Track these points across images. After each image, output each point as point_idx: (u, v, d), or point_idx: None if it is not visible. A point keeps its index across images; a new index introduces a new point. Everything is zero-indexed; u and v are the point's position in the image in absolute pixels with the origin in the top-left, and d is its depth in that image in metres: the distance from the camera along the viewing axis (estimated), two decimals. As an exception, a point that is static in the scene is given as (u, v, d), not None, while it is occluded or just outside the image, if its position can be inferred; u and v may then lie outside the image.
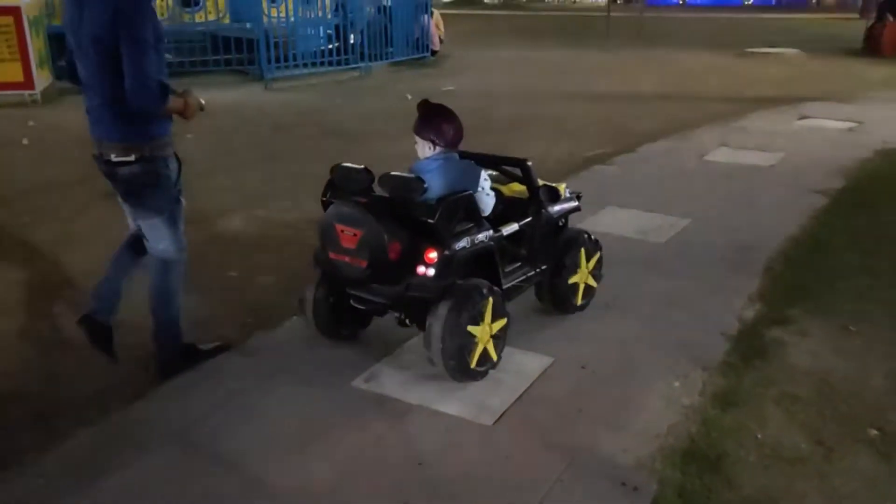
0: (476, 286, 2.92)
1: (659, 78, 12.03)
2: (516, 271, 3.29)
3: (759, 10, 30.99)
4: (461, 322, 2.83)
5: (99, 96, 2.84)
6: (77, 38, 2.83)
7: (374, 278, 2.91)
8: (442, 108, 3.20)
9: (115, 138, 2.86)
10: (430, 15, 13.77)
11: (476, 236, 2.98)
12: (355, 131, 8.12)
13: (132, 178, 2.91)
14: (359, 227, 2.83)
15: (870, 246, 4.57)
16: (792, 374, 3.13)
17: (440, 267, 2.82)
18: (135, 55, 2.70)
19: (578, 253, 3.51)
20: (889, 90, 10.45)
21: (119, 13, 2.70)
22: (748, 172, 6.24)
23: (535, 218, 3.34)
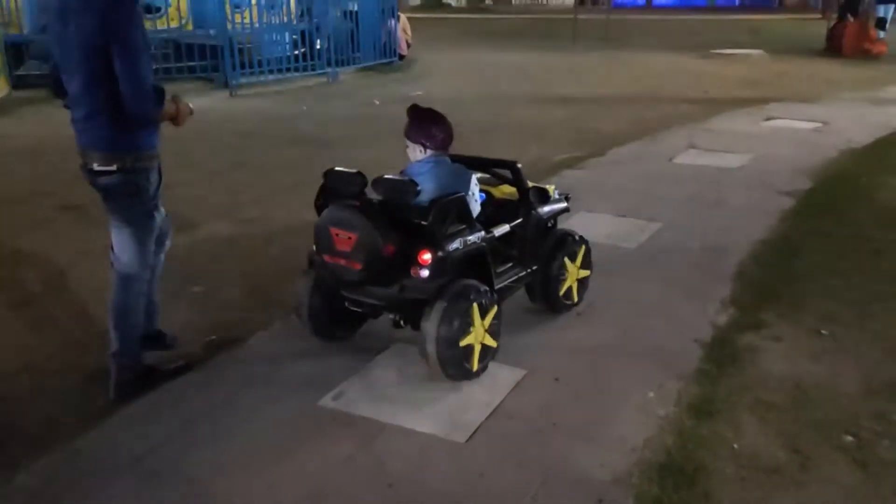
0: (468, 286, 2.95)
1: (626, 80, 12.08)
2: (508, 272, 3.33)
3: (723, 10, 31.37)
4: (455, 323, 2.86)
5: (88, 106, 2.81)
6: (63, 50, 2.80)
7: (369, 280, 2.95)
8: (432, 112, 3.24)
9: (100, 147, 2.85)
10: (397, 19, 13.69)
11: (468, 237, 3.02)
12: (323, 138, 8.01)
13: (111, 187, 2.90)
14: (353, 231, 2.87)
15: (837, 247, 4.58)
16: (766, 380, 3.10)
17: (434, 268, 2.86)
18: (129, 61, 2.70)
19: (569, 252, 3.56)
20: (851, 90, 10.59)
21: (108, 20, 2.69)
22: (717, 174, 6.25)
23: (525, 219, 3.39)
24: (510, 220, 3.34)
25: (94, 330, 3.11)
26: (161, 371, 3.17)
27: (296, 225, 5.14)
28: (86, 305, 3.30)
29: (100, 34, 2.69)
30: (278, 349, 3.43)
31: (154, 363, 3.18)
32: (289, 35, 12.21)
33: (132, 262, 3.01)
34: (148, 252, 3.05)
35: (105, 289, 3.11)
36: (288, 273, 4.17)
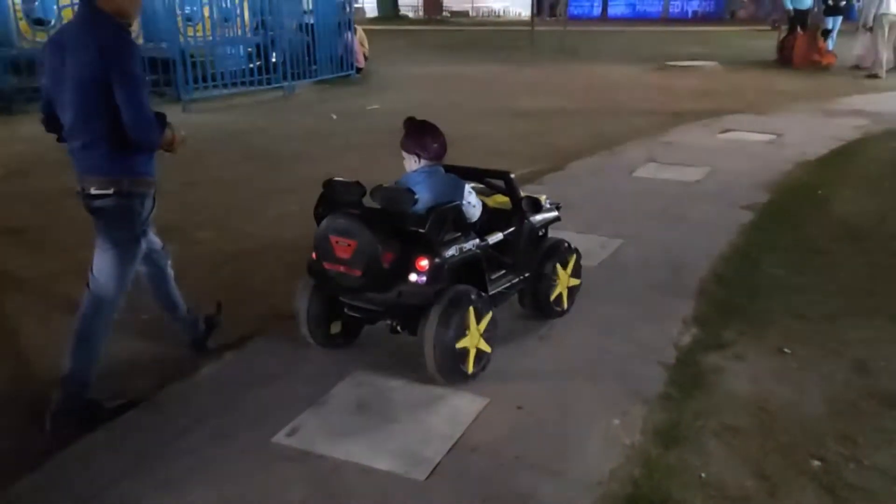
0: (465, 292, 3.06)
1: (584, 92, 12.13)
2: (501, 279, 3.44)
3: (676, 22, 31.89)
4: (451, 327, 2.96)
5: (85, 137, 2.86)
6: (60, 84, 2.85)
7: (368, 286, 3.04)
8: (426, 124, 3.35)
9: (98, 173, 2.90)
10: (354, 32, 13.59)
11: (464, 245, 3.15)
12: (279, 154, 7.85)
13: (105, 209, 2.94)
14: (353, 238, 2.97)
15: (797, 261, 4.59)
16: (731, 403, 3.06)
17: (431, 274, 2.97)
18: (130, 90, 2.78)
19: (559, 261, 3.66)
20: (804, 101, 10.77)
21: (106, 51, 2.76)
22: (676, 188, 6.26)
23: (518, 228, 3.51)
24: (503, 228, 3.46)
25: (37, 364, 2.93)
26: (105, 409, 3.01)
27: (250, 247, 5.00)
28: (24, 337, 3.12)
29: (99, 67, 2.75)
30: (231, 379, 3.29)
31: (99, 399, 3.02)
32: (243, 48, 12.03)
33: (108, 285, 3.00)
34: (126, 279, 3.05)
35: (47, 319, 2.94)
36: (240, 299, 4.05)
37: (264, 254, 4.89)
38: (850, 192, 6.16)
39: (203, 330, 3.53)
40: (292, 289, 3.43)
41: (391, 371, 3.29)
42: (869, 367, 3.35)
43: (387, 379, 3.22)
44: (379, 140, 8.46)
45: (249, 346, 3.56)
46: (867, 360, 3.40)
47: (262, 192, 6.38)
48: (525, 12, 27.67)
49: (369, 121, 9.72)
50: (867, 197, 6.03)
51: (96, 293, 3.01)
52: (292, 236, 5.20)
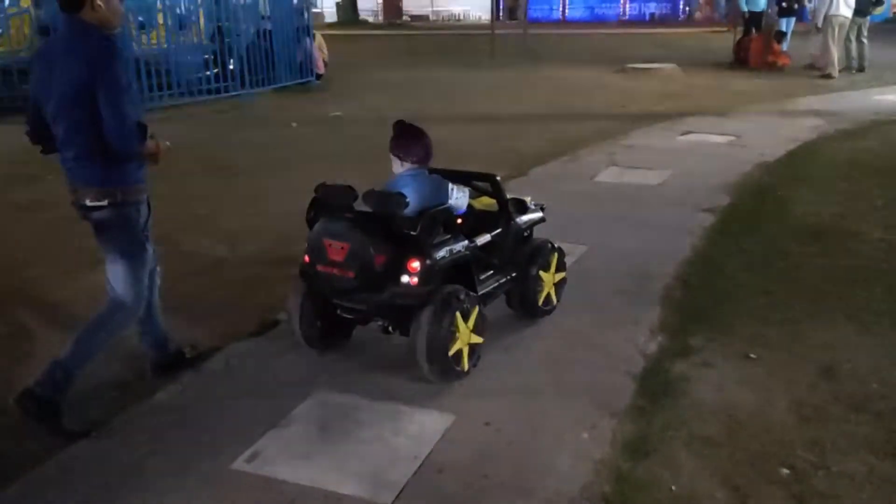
0: (455, 291, 3.14)
1: (545, 96, 12.15)
2: (489, 279, 3.52)
3: (633, 25, 32.23)
4: (443, 326, 3.04)
5: (77, 147, 2.92)
6: (49, 96, 2.91)
7: (361, 288, 3.10)
8: (411, 127, 3.42)
9: (92, 184, 2.95)
10: (313, 38, 13.44)
11: (454, 246, 3.22)
12: (237, 164, 7.69)
13: (103, 221, 3.01)
14: (346, 241, 3.04)
15: (760, 265, 4.61)
16: (700, 412, 3.03)
17: (423, 275, 3.04)
18: (113, 100, 2.82)
19: (545, 260, 3.74)
20: (760, 102, 10.92)
21: (92, 62, 2.82)
22: (638, 192, 6.26)
23: (504, 229, 3.60)
24: (490, 229, 3.54)
25: None
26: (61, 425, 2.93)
27: (207, 263, 4.86)
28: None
29: (85, 78, 2.80)
30: (188, 402, 3.18)
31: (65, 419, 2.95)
32: (201, 56, 11.82)
33: (127, 293, 3.08)
34: (142, 283, 3.13)
35: None
36: (196, 317, 3.92)
37: (222, 269, 4.77)
38: (808, 192, 6.23)
39: (170, 354, 3.42)
40: (255, 303, 3.33)
41: (355, 388, 3.20)
42: (834, 370, 3.36)
43: (350, 397, 3.14)
44: (342, 148, 8.37)
45: (207, 366, 3.44)
46: (832, 364, 3.41)
47: (220, 204, 6.23)
48: (485, 16, 27.71)
49: (331, 128, 9.61)
50: (825, 197, 6.09)
51: (116, 300, 3.09)
52: (252, 251, 5.08)
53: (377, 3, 36.84)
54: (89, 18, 2.88)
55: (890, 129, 8.92)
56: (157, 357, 3.40)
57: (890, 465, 2.69)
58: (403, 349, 3.24)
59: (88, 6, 2.86)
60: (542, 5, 36.02)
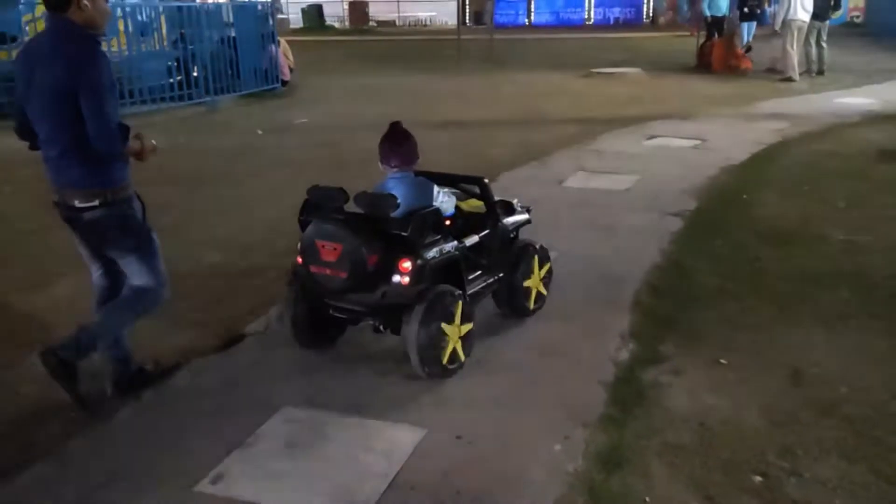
0: (445, 291, 3.22)
1: (512, 101, 12.16)
2: (478, 279, 3.60)
3: (599, 29, 32.48)
4: (434, 323, 3.12)
5: (60, 147, 2.92)
6: (32, 95, 2.92)
7: (354, 288, 3.16)
8: (396, 131, 3.50)
9: (79, 185, 2.95)
10: (278, 44, 13.31)
11: (444, 247, 3.29)
12: (201, 173, 7.55)
13: (97, 222, 3.01)
14: (339, 242, 3.09)
15: (728, 269, 4.62)
16: (672, 420, 3.01)
17: (414, 275, 3.11)
18: (95, 102, 2.82)
19: (532, 260, 3.84)
20: (723, 106, 11.03)
21: (74, 63, 2.81)
22: (606, 197, 6.27)
23: (492, 230, 3.68)
24: (478, 231, 3.62)
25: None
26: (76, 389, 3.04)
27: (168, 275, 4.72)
28: None
29: (68, 78, 2.80)
30: (151, 422, 3.08)
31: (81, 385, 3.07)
32: (163, 63, 11.63)
33: (150, 281, 3.14)
34: (160, 268, 3.19)
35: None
36: (158, 332, 3.81)
37: (186, 281, 4.64)
38: (773, 195, 6.29)
39: (132, 372, 3.31)
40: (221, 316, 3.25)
41: (323, 402, 3.14)
42: (803, 374, 3.37)
43: (318, 412, 3.07)
44: (308, 155, 8.27)
45: (169, 384, 3.34)
46: (801, 368, 3.42)
47: (184, 214, 6.10)
48: (451, 21, 27.72)
49: (297, 135, 9.50)
50: (789, 200, 6.16)
51: (140, 287, 3.13)
52: (218, 261, 4.98)
53: (343, 8, 36.67)
54: (75, 18, 2.87)
55: (851, 131, 9.06)
56: (119, 374, 3.28)
57: (861, 470, 2.69)
58: (371, 359, 3.18)
59: (75, 6, 2.85)
60: (508, 10, 36.15)
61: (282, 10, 35.69)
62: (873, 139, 8.55)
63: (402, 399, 3.13)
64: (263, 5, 13.31)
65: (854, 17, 27.06)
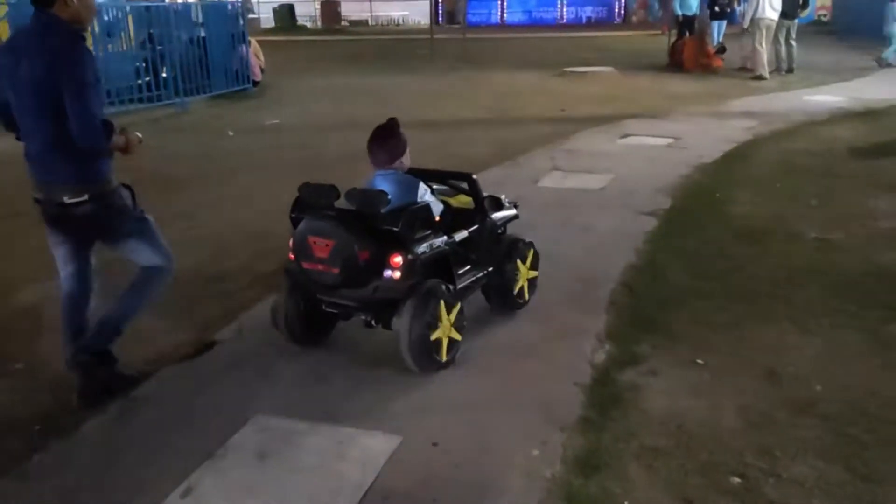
0: (436, 285, 3.27)
1: (486, 100, 12.13)
2: (467, 273, 3.64)
3: (571, 28, 32.62)
4: (425, 318, 3.16)
5: (43, 141, 2.94)
6: (16, 87, 2.92)
7: (346, 283, 3.19)
8: (380, 131, 3.54)
9: (68, 181, 2.97)
10: (248, 44, 13.16)
11: (434, 242, 3.34)
12: (170, 176, 7.41)
13: (90, 215, 3.03)
14: (331, 238, 3.12)
15: (702, 268, 4.62)
16: (649, 422, 2.99)
17: (405, 270, 3.16)
18: (78, 97, 2.81)
19: (520, 255, 3.89)
20: (696, 104, 11.11)
21: (58, 58, 2.82)
22: (581, 197, 6.26)
23: (481, 226, 3.73)
24: (467, 226, 3.66)
25: None
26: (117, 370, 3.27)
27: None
28: None
29: (52, 73, 2.81)
30: (118, 435, 2.99)
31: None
32: (131, 64, 11.44)
33: (156, 261, 3.26)
34: (164, 246, 3.28)
35: None
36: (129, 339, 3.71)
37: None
38: (746, 193, 6.32)
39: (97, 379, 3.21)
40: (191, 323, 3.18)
41: (296, 410, 3.07)
42: (778, 373, 3.37)
43: (291, 421, 3.00)
44: (280, 156, 8.18)
45: (136, 394, 3.25)
46: (776, 367, 3.42)
47: (153, 218, 5.98)
48: (424, 20, 27.65)
49: (269, 136, 9.39)
50: (762, 198, 6.19)
51: (153, 267, 3.26)
52: (189, 266, 4.86)
53: (315, 8, 36.43)
54: (61, 14, 2.87)
55: (821, 129, 9.16)
56: (84, 382, 3.19)
57: (838, 470, 2.69)
58: (345, 366, 3.11)
59: (61, 2, 2.86)
60: (481, 10, 36.20)
61: (253, 10, 35.38)
62: (843, 136, 8.65)
63: (376, 406, 3.08)
64: (233, 5, 13.15)
65: (821, 15, 27.45)
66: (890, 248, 4.94)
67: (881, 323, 3.86)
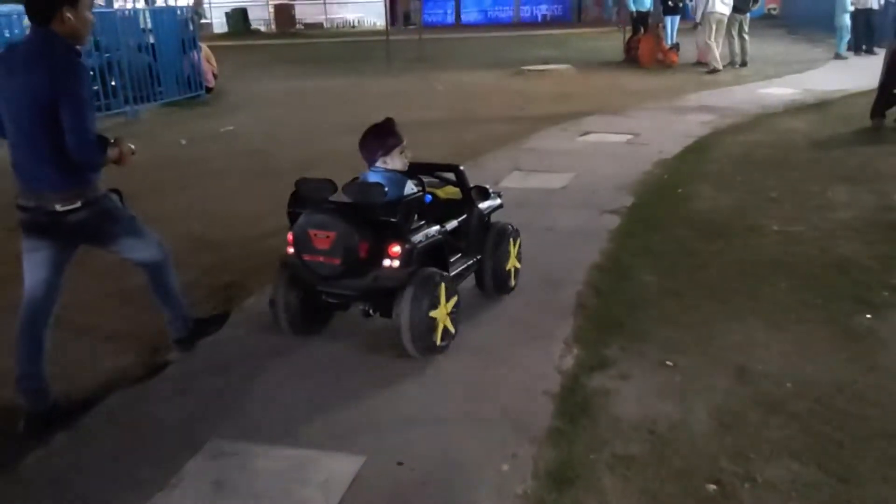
0: (433, 273, 3.39)
1: (443, 101, 12.03)
2: (458, 262, 3.77)
3: (527, 27, 32.72)
4: (424, 304, 3.27)
5: (35, 152, 2.95)
6: (8, 99, 2.95)
7: (346, 274, 3.28)
8: (374, 127, 3.68)
9: (59, 188, 2.99)
10: (199, 49, 12.86)
11: (428, 231, 3.47)
12: (119, 187, 7.12)
13: (84, 222, 3.06)
14: (331, 230, 3.22)
15: (668, 266, 4.58)
16: (621, 429, 2.91)
17: (404, 258, 3.28)
18: (75, 113, 2.85)
19: (508, 241, 4.06)
20: (653, 100, 11.14)
21: (55, 75, 2.84)
22: (543, 197, 6.19)
23: (469, 215, 3.87)
24: (457, 216, 3.79)
25: None
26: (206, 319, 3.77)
27: (84, 299, 4.41)
28: None
29: (48, 88, 2.83)
30: (63, 468, 2.81)
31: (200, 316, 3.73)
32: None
33: (151, 252, 3.34)
34: (153, 237, 3.37)
35: None
36: (75, 362, 3.53)
37: (103, 305, 4.36)
38: (707, 188, 6.31)
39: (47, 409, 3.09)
40: (141, 343, 3.00)
41: (254, 432, 2.92)
42: (748, 371, 3.32)
43: (249, 444, 2.85)
44: (234, 164, 7.96)
45: (82, 423, 3.07)
46: (746, 365, 3.37)
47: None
48: (380, 22, 27.45)
49: (222, 144, 9.16)
50: (723, 192, 6.19)
51: (151, 262, 3.36)
52: (138, 283, 4.65)
53: (269, 11, 35.97)
54: (58, 30, 2.90)
55: (777, 121, 9.24)
56: (31, 411, 3.05)
57: (813, 471, 2.63)
58: (304, 384, 2.97)
59: (58, 19, 2.88)
60: (437, 10, 36.12)
61: (205, 15, 34.80)
62: (798, 128, 8.74)
63: (337, 425, 2.95)
64: (183, 10, 12.85)
65: (771, 9, 27.89)
66: (849, 239, 4.95)
67: (846, 316, 3.85)
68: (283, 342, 3.63)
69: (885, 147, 7.62)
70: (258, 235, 5.53)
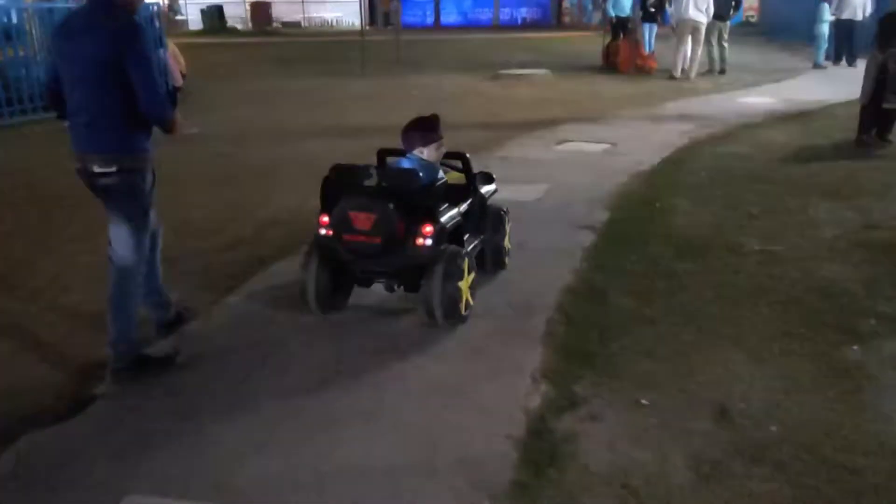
0: (457, 251, 3.69)
1: (419, 105, 11.64)
2: (469, 240, 4.06)
3: (506, 29, 32.55)
4: (452, 278, 3.56)
5: (90, 114, 3.08)
6: (67, 64, 3.09)
7: (385, 252, 3.55)
8: (421, 119, 4.13)
9: (101, 150, 3.11)
10: (165, 47, 12.45)
11: (452, 213, 3.81)
12: (68, 193, 6.72)
13: (110, 187, 3.17)
14: (372, 212, 3.51)
15: (644, 288, 4.31)
16: (591, 482, 2.62)
17: (435, 237, 3.58)
18: (145, 72, 3.02)
19: (504, 222, 4.41)
20: (631, 107, 10.93)
21: (120, 35, 3.01)
22: (516, 210, 5.78)
23: (474, 199, 4.20)
24: (464, 200, 4.09)
25: None
26: (154, 358, 3.41)
27: (7, 321, 4.05)
28: None
29: (112, 49, 2.99)
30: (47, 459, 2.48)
31: (149, 352, 3.45)
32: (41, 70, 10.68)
33: (129, 255, 3.30)
34: (143, 246, 3.35)
35: None
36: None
37: (29, 328, 4.00)
38: (685, 202, 6.07)
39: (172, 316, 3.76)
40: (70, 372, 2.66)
41: (177, 485, 2.59)
42: (729, 411, 3.06)
43: (170, 501, 2.52)
44: (197, 168, 7.59)
45: (-9, 467, 2.73)
46: (726, 404, 3.11)
47: (41, 242, 5.40)
48: (358, 22, 27.10)
49: (185, 147, 8.74)
50: (702, 207, 5.95)
51: (119, 264, 3.30)
52: (75, 301, 4.33)
53: (245, 9, 35.46)
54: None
55: (757, 132, 9.05)
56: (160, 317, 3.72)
57: (800, 534, 2.37)
58: (238, 422, 2.65)
59: None
60: (416, 11, 35.88)
61: (180, 12, 34.26)
62: (778, 140, 8.55)
63: (275, 477, 2.63)
64: (148, 7, 12.43)
65: (749, 16, 27.94)
66: (832, 260, 4.73)
67: (832, 347, 3.61)
68: (217, 377, 3.31)
69: (865, 161, 7.43)
70: (212, 248, 5.19)
